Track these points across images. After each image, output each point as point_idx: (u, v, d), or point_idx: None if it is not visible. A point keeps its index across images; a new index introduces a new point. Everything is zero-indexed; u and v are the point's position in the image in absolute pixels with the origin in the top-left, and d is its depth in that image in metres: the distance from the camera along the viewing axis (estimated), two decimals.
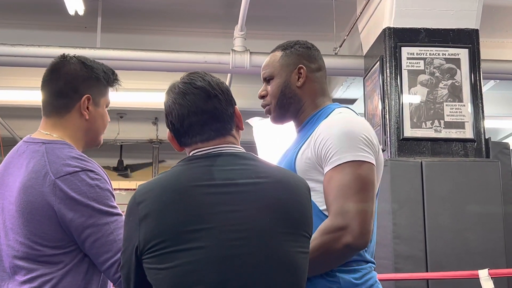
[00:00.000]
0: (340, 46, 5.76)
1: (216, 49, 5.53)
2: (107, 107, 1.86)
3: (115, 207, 1.66)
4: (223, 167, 1.45)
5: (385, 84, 4.50)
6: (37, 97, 2.19)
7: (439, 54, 4.49)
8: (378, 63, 4.60)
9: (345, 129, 1.78)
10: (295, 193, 1.48)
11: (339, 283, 1.72)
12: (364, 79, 5.10)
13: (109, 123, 1.89)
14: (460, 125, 4.37)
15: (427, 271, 3.92)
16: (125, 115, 8.30)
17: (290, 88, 1.94)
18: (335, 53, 5.69)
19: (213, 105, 1.49)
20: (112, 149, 9.50)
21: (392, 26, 4.53)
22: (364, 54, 5.15)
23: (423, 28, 4.53)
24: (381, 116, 4.51)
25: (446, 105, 4.41)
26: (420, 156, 4.26)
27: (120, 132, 8.52)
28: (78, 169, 1.63)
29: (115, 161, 10.14)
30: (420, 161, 4.15)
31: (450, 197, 4.08)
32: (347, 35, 5.69)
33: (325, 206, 1.78)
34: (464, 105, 4.41)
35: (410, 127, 4.35)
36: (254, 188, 1.43)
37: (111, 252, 1.61)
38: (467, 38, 4.55)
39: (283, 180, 1.48)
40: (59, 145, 1.69)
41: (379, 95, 4.56)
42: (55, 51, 4.92)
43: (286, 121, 2.01)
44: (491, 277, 3.25)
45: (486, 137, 4.41)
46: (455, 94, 4.43)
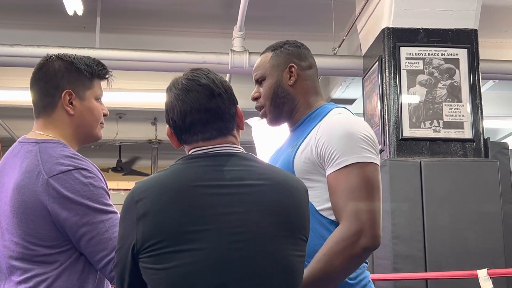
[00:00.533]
0: (339, 46, 5.76)
1: (215, 49, 5.53)
2: (98, 99, 1.81)
3: (109, 205, 1.65)
4: (223, 167, 1.44)
5: (384, 84, 4.50)
6: None
7: (438, 54, 4.49)
8: (377, 63, 4.60)
9: (348, 129, 1.78)
10: (295, 196, 1.47)
11: None
12: (363, 79, 5.10)
13: (107, 123, 1.87)
14: (459, 125, 4.37)
15: (426, 271, 3.92)
16: (124, 115, 8.29)
17: (283, 87, 1.95)
18: (334, 53, 5.69)
19: (216, 104, 1.48)
20: (110, 149, 9.50)
21: (391, 26, 4.53)
22: (363, 54, 5.15)
23: (422, 28, 4.53)
24: (380, 116, 4.51)
25: (445, 105, 4.41)
26: (419, 156, 4.26)
27: (119, 132, 8.51)
28: (71, 167, 1.62)
29: (113, 161, 10.14)
30: (419, 161, 4.15)
31: (449, 197, 4.08)
32: (346, 35, 5.69)
33: (322, 206, 1.78)
34: (463, 105, 4.41)
35: (409, 127, 4.35)
36: (254, 190, 1.42)
37: (107, 250, 1.60)
38: (466, 38, 4.55)
39: (282, 183, 1.47)
40: (53, 144, 1.69)
41: (378, 95, 4.56)
42: (54, 51, 4.89)
43: (282, 121, 2.01)
44: (490, 277, 3.25)
45: (485, 137, 4.41)
46: (454, 94, 4.43)
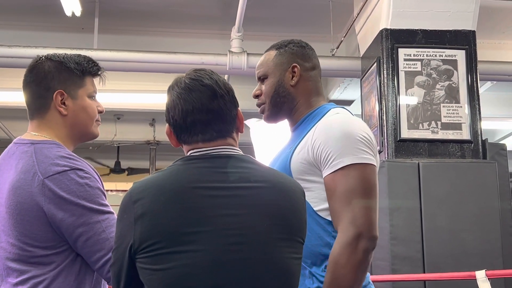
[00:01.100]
0: (337, 47, 5.77)
1: (213, 50, 5.53)
2: (92, 97, 1.80)
3: (106, 205, 1.64)
4: (222, 169, 1.44)
5: (382, 85, 4.51)
6: None
7: (436, 56, 4.49)
8: (375, 64, 4.60)
9: (344, 130, 1.77)
10: (292, 198, 1.47)
11: None
12: (361, 80, 5.10)
13: (105, 124, 1.87)
14: (457, 126, 4.38)
15: (424, 272, 3.92)
16: (122, 116, 8.29)
17: (284, 87, 1.94)
18: (332, 54, 5.70)
19: (218, 105, 1.47)
20: (109, 150, 9.49)
21: (389, 27, 4.53)
22: (361, 56, 5.15)
23: (420, 30, 4.54)
24: (378, 117, 4.51)
25: (443, 106, 4.41)
26: (417, 157, 4.26)
27: (117, 133, 8.50)
28: (67, 168, 1.61)
29: (112, 162, 10.13)
30: (417, 162, 4.15)
31: (447, 198, 4.08)
32: (344, 36, 5.69)
33: (319, 207, 1.78)
34: (461, 106, 4.42)
35: (407, 128, 4.36)
36: (252, 192, 1.42)
37: (104, 251, 1.59)
38: (464, 40, 4.55)
39: (280, 185, 1.47)
40: (48, 145, 1.68)
41: (376, 97, 4.56)
42: (52, 52, 4.90)
43: (279, 119, 2.00)
44: (488, 278, 3.25)
45: (483, 138, 4.42)
46: (452, 95, 4.43)
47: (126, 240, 1.39)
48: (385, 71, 4.49)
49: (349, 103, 6.97)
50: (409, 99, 4.42)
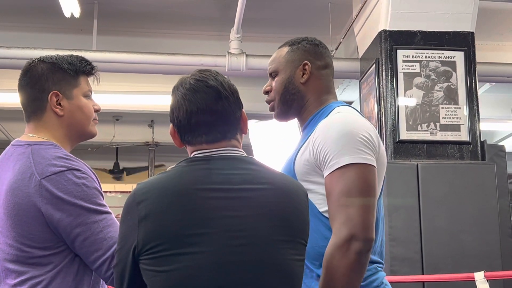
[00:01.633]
0: (336, 49, 5.78)
1: (212, 51, 5.53)
2: (87, 96, 1.80)
3: (103, 205, 1.64)
4: (225, 171, 1.44)
5: (381, 87, 4.51)
6: None
7: (434, 57, 4.50)
8: (374, 65, 4.61)
9: (343, 129, 1.74)
10: (295, 200, 1.47)
11: None
12: (360, 81, 5.11)
13: (104, 125, 1.87)
14: (456, 128, 4.38)
15: (423, 273, 3.92)
16: (121, 117, 8.28)
17: (294, 84, 1.92)
18: (331, 56, 5.70)
19: (223, 106, 1.47)
20: (108, 151, 9.49)
21: (388, 28, 4.53)
22: (360, 57, 5.16)
23: (419, 31, 4.54)
24: (377, 118, 4.51)
25: (442, 107, 4.41)
26: (416, 159, 4.27)
27: (116, 134, 8.50)
28: (64, 168, 1.61)
29: (111, 163, 10.13)
30: (416, 163, 4.16)
31: (446, 199, 4.09)
32: (343, 38, 5.70)
33: (325, 208, 1.76)
34: (460, 108, 4.42)
35: (406, 129, 4.36)
36: (255, 194, 1.42)
37: (102, 250, 1.59)
38: (462, 41, 4.56)
39: (283, 187, 1.47)
40: (45, 145, 1.68)
41: (375, 98, 4.57)
42: (51, 53, 4.90)
43: (289, 118, 1.98)
44: (487, 280, 3.26)
45: (482, 140, 4.42)
46: (450, 96, 4.44)
47: (129, 242, 1.39)
48: (384, 73, 4.49)
49: (348, 104, 6.97)
50: (408, 100, 4.42)
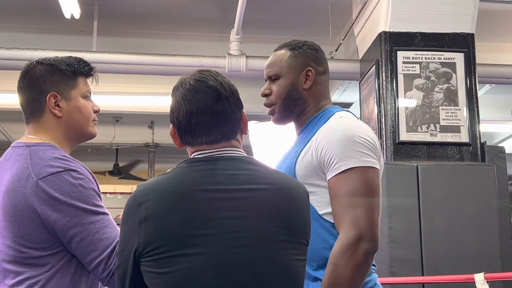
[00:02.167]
0: (336, 50, 5.78)
1: (212, 52, 5.54)
2: (86, 97, 1.81)
3: (100, 206, 1.64)
4: (225, 171, 1.44)
5: (381, 88, 4.51)
6: None
7: (434, 58, 4.50)
8: (374, 67, 4.61)
9: (347, 134, 1.77)
10: (296, 200, 1.47)
11: None
12: (360, 83, 5.11)
13: (104, 126, 1.87)
14: (456, 129, 4.38)
15: (423, 275, 3.92)
16: (120, 118, 8.28)
17: (297, 89, 1.93)
18: (331, 57, 5.71)
19: (223, 107, 1.47)
20: (107, 152, 9.49)
21: (387, 30, 4.53)
22: (360, 58, 5.16)
23: (419, 32, 4.54)
24: (377, 120, 4.51)
25: (442, 109, 4.41)
26: (416, 160, 4.27)
27: (115, 135, 8.50)
28: (61, 169, 1.62)
29: (110, 164, 10.13)
30: (415, 165, 4.16)
31: (446, 201, 4.08)
32: (343, 39, 5.70)
33: (324, 211, 1.78)
34: (460, 109, 4.42)
35: (405, 131, 4.36)
36: (256, 194, 1.42)
37: (98, 251, 1.59)
38: (462, 42, 4.56)
39: (284, 187, 1.47)
40: (43, 147, 1.69)
41: (375, 99, 4.57)
42: (51, 54, 4.88)
43: (288, 122, 2.00)
44: (487, 281, 3.26)
45: (482, 141, 4.42)
46: (450, 98, 4.44)
47: (130, 244, 1.39)
48: (383, 74, 4.49)
49: (347, 105, 6.98)
50: (407, 101, 4.42)
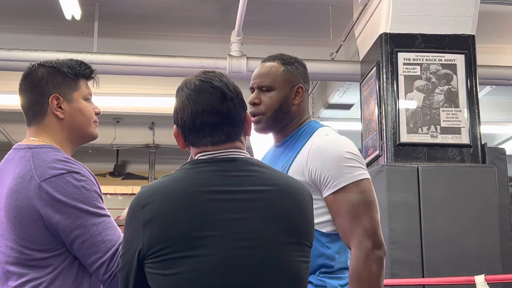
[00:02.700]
0: (337, 52, 5.78)
1: (212, 54, 5.54)
2: (87, 99, 1.82)
3: (102, 208, 1.65)
4: (230, 173, 1.43)
5: (381, 90, 4.51)
6: None
7: (435, 60, 4.50)
8: (375, 68, 4.61)
9: (337, 152, 1.87)
10: (300, 202, 1.48)
11: (326, 287, 1.82)
12: (360, 84, 5.11)
13: (105, 127, 1.88)
14: (456, 131, 4.38)
15: (423, 276, 3.92)
16: (121, 119, 8.28)
17: (288, 104, 2.02)
18: (332, 58, 5.70)
19: (228, 108, 1.47)
20: (108, 153, 9.49)
21: (388, 31, 4.53)
22: (361, 60, 5.16)
23: (420, 34, 4.54)
24: (377, 121, 4.51)
25: (442, 110, 4.41)
26: (417, 162, 4.26)
27: (116, 136, 8.50)
28: (64, 171, 1.62)
29: (111, 165, 10.13)
30: (416, 166, 4.15)
31: (446, 202, 4.08)
32: (343, 41, 5.70)
33: (314, 220, 1.82)
34: (460, 111, 4.42)
35: (406, 132, 4.36)
36: (260, 196, 1.42)
37: (100, 253, 1.60)
38: (463, 44, 4.56)
39: (288, 189, 1.47)
40: (45, 149, 1.69)
41: (376, 101, 4.56)
42: (51, 55, 4.92)
43: (270, 132, 2.07)
44: (488, 283, 3.25)
45: (482, 143, 4.41)
46: (451, 99, 4.44)
47: (134, 245, 1.39)
48: (384, 75, 4.49)
49: (348, 107, 6.97)
50: (408, 103, 4.42)
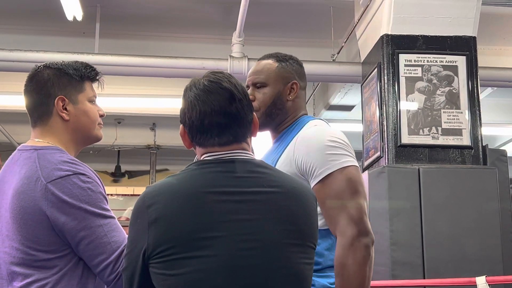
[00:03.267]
0: (338, 53, 5.78)
1: (214, 55, 5.54)
2: (92, 101, 1.83)
3: (108, 209, 1.66)
4: (235, 174, 1.44)
5: (382, 91, 4.51)
6: None
7: (436, 61, 4.50)
8: (376, 69, 4.61)
9: (322, 141, 1.87)
10: (304, 204, 1.48)
11: (314, 286, 1.80)
12: (361, 85, 5.11)
13: (106, 128, 1.89)
14: (458, 132, 4.38)
15: (424, 278, 3.92)
16: (122, 120, 8.29)
17: (281, 100, 2.03)
18: (333, 60, 5.70)
19: (236, 109, 1.47)
20: (109, 154, 9.50)
21: (390, 33, 4.54)
22: (362, 61, 5.16)
23: (421, 35, 4.54)
24: (378, 122, 4.51)
25: (444, 112, 4.41)
26: (418, 163, 4.26)
27: (117, 137, 8.50)
28: (70, 172, 1.63)
29: (112, 166, 10.13)
30: (417, 167, 4.16)
31: (447, 204, 4.08)
32: (345, 42, 5.70)
33: None
34: (462, 112, 4.42)
35: (407, 133, 4.36)
36: (265, 197, 1.42)
37: (105, 254, 1.60)
38: (464, 45, 4.56)
39: (293, 190, 1.47)
40: (51, 150, 1.70)
41: (377, 102, 4.57)
42: (53, 56, 4.92)
43: (266, 129, 2.07)
44: (489, 284, 3.25)
45: (483, 144, 4.42)
46: (452, 101, 4.44)
47: (139, 245, 1.39)
48: (385, 77, 4.49)
49: (349, 108, 6.97)
50: (409, 104, 4.42)
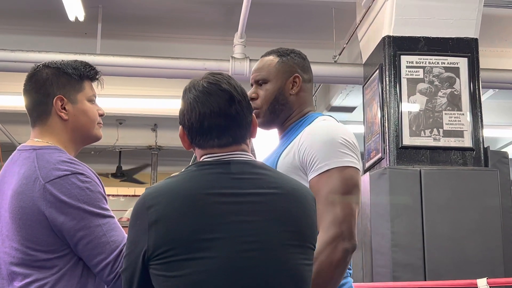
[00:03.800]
0: (340, 54, 5.78)
1: (215, 56, 5.54)
2: (92, 101, 1.82)
3: (107, 209, 1.66)
4: (235, 175, 1.43)
5: (384, 92, 4.51)
6: None
7: (438, 63, 4.50)
8: (378, 71, 4.61)
9: (329, 135, 1.84)
10: (304, 205, 1.48)
11: None
12: (363, 87, 5.11)
13: (107, 129, 1.88)
14: (459, 134, 4.37)
15: (425, 279, 3.92)
16: (124, 121, 8.29)
17: (284, 95, 1.98)
18: (335, 61, 5.70)
19: (236, 110, 1.47)
20: (110, 155, 9.50)
21: (391, 34, 4.54)
22: (364, 62, 5.16)
23: (423, 37, 4.54)
24: (380, 124, 4.51)
25: (445, 113, 4.41)
26: (419, 165, 4.26)
27: (119, 138, 8.51)
28: (68, 172, 1.63)
29: (113, 167, 10.14)
30: (419, 169, 4.15)
31: (449, 205, 4.08)
32: (346, 43, 5.70)
33: None
34: (463, 114, 4.41)
35: (409, 135, 4.36)
36: (265, 199, 1.42)
37: (104, 254, 1.60)
38: (466, 47, 4.56)
39: (293, 192, 1.47)
40: (49, 150, 1.70)
41: (378, 103, 4.56)
42: (55, 57, 4.92)
43: (272, 127, 2.04)
44: (490, 286, 3.25)
45: (485, 146, 4.41)
46: (454, 102, 4.44)
47: (139, 246, 1.38)
48: (387, 78, 4.49)
49: (351, 109, 6.97)
50: (411, 106, 4.42)
